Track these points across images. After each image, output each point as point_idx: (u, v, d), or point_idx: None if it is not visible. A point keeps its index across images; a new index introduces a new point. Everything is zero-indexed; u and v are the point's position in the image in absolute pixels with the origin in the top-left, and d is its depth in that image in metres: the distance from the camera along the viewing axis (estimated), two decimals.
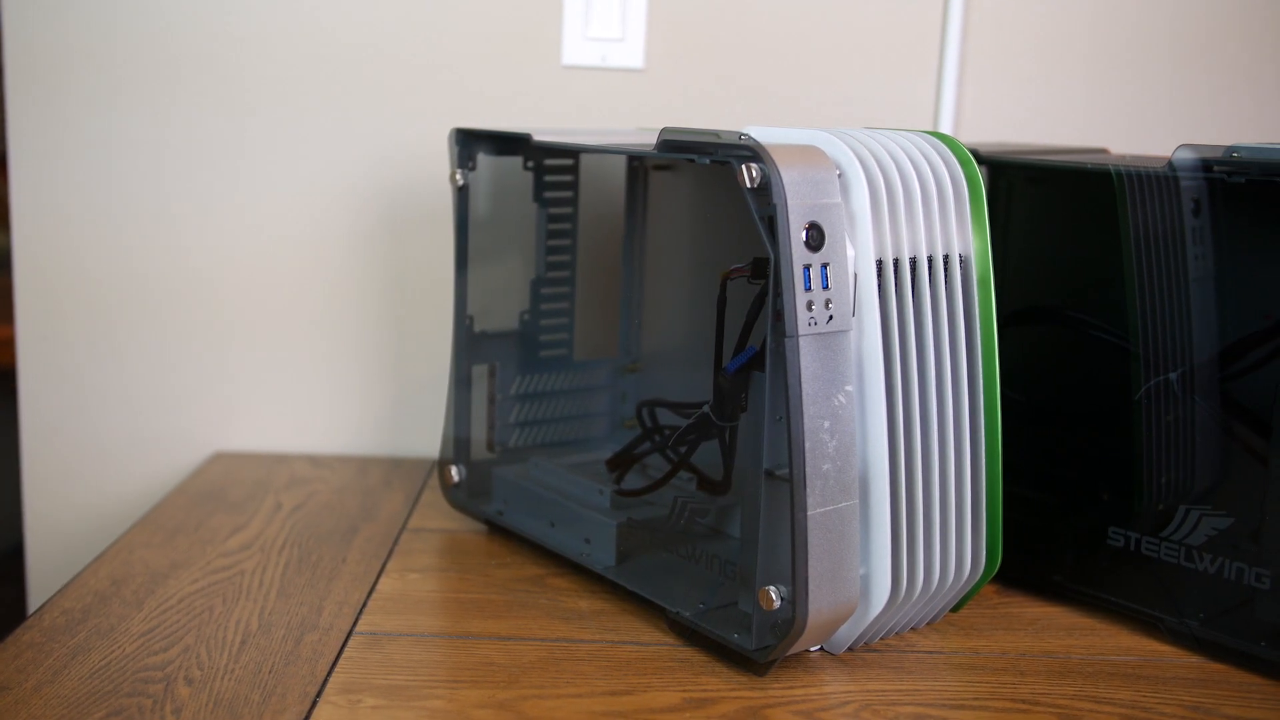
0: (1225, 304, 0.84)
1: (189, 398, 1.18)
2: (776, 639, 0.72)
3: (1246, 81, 1.19)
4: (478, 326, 0.99)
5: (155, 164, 1.14)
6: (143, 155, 1.14)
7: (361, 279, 1.17)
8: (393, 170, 1.15)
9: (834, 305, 0.70)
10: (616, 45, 1.14)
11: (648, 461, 0.93)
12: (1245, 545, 0.80)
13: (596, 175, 1.06)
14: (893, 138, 0.76)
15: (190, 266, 1.16)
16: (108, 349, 1.17)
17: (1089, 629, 0.84)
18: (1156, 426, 0.85)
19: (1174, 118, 1.19)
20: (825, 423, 0.70)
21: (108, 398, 1.17)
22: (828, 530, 0.70)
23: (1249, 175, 0.76)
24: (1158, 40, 1.18)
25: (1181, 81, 1.18)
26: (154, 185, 1.14)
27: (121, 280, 1.16)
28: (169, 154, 1.14)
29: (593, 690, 0.73)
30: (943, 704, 0.73)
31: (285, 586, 0.86)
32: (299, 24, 1.13)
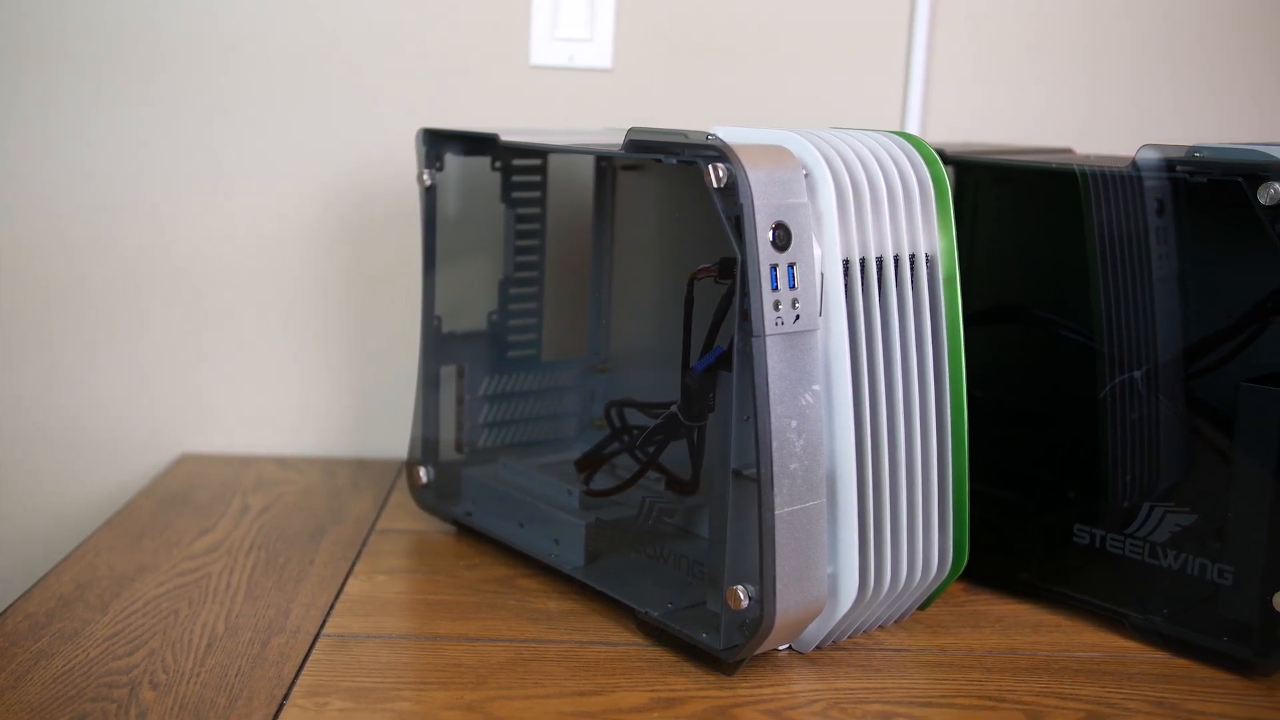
0: (1188, 303, 0.84)
1: (155, 399, 1.17)
2: (744, 638, 0.73)
3: (1210, 82, 1.20)
4: (446, 327, 0.99)
5: (119, 165, 1.13)
6: (107, 157, 1.13)
7: (329, 279, 1.17)
8: (360, 170, 1.15)
9: (801, 305, 0.70)
10: (584, 45, 1.14)
11: (617, 462, 0.93)
12: (1208, 542, 0.80)
13: (565, 175, 1.06)
14: (859, 138, 0.77)
15: (156, 267, 1.15)
16: (72, 350, 1.16)
17: (1055, 626, 0.85)
18: (1121, 424, 0.86)
19: (1138, 118, 1.20)
20: (792, 422, 0.70)
21: (73, 400, 1.16)
22: (795, 529, 0.71)
23: (1211, 175, 0.77)
24: (1122, 41, 1.18)
25: (1145, 82, 1.19)
26: (119, 187, 1.14)
27: (87, 281, 1.15)
28: (134, 155, 1.13)
29: (561, 691, 0.73)
30: (910, 702, 0.73)
31: (252, 589, 0.86)
32: (265, 24, 1.12)
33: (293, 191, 1.15)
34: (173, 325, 1.16)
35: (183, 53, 1.12)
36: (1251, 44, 1.19)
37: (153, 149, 1.13)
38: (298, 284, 1.17)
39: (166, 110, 1.13)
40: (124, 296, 1.15)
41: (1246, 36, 1.19)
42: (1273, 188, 0.72)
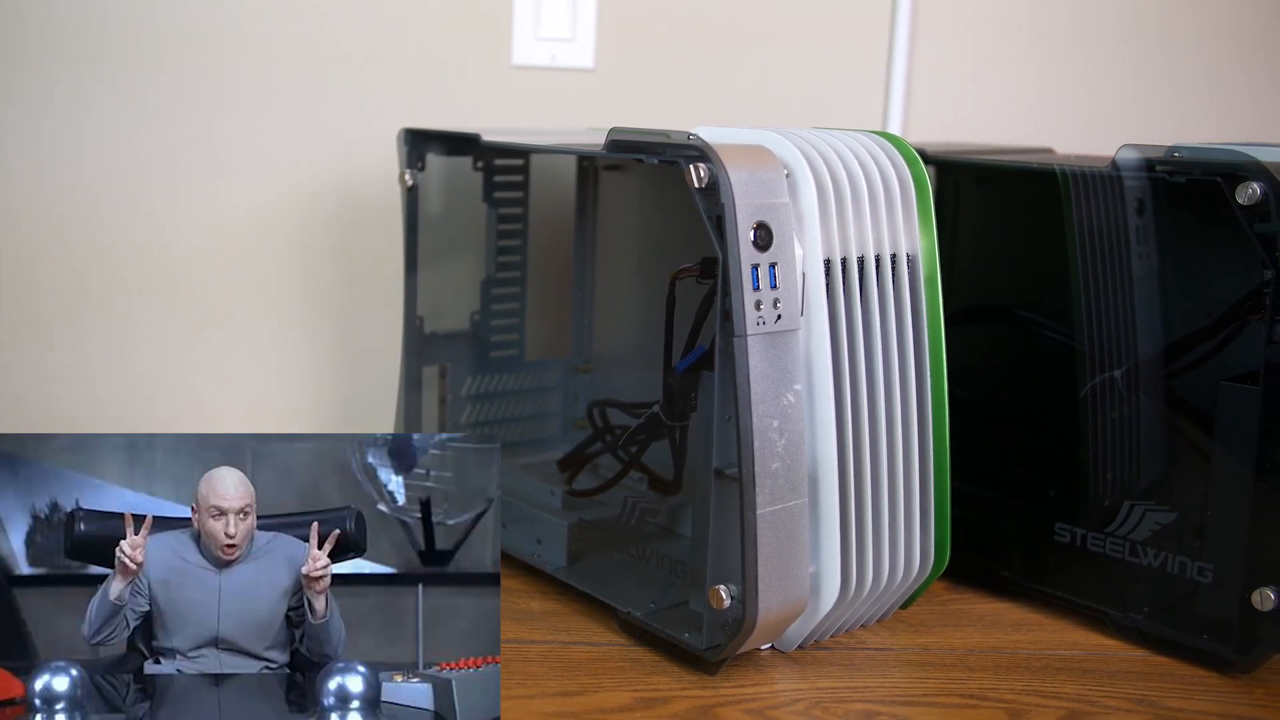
0: (1168, 302, 0.85)
1: (135, 399, 1.17)
2: (727, 638, 0.73)
3: (1190, 82, 1.20)
4: (428, 327, 0.98)
5: (98, 164, 1.13)
6: (85, 154, 1.12)
7: (311, 279, 1.16)
8: (343, 170, 1.15)
9: (782, 305, 0.70)
10: (567, 45, 1.13)
11: (599, 461, 0.93)
12: (1188, 540, 0.81)
13: (547, 175, 1.06)
14: (840, 138, 0.77)
15: (136, 267, 1.15)
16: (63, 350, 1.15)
17: (1037, 624, 0.85)
18: (1101, 423, 0.86)
19: (1120, 118, 1.20)
20: (774, 422, 0.70)
21: (63, 400, 1.16)
22: (777, 529, 0.71)
23: (1190, 175, 0.77)
24: (1103, 41, 1.19)
25: (1127, 82, 1.20)
26: (97, 185, 1.13)
27: (62, 278, 1.14)
28: (113, 154, 1.13)
29: (544, 691, 0.73)
30: (892, 700, 0.73)
31: None
32: (247, 23, 1.12)
33: (275, 192, 1.15)
34: (152, 326, 1.16)
35: (166, 54, 1.11)
36: (1231, 45, 1.20)
37: (136, 153, 1.13)
38: (280, 284, 1.16)
39: (150, 112, 1.12)
40: (110, 298, 1.15)
41: (1226, 38, 1.20)
42: (1250, 187, 0.72)
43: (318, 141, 1.14)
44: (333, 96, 1.13)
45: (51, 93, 1.11)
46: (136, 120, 1.12)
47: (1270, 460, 0.74)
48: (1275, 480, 0.74)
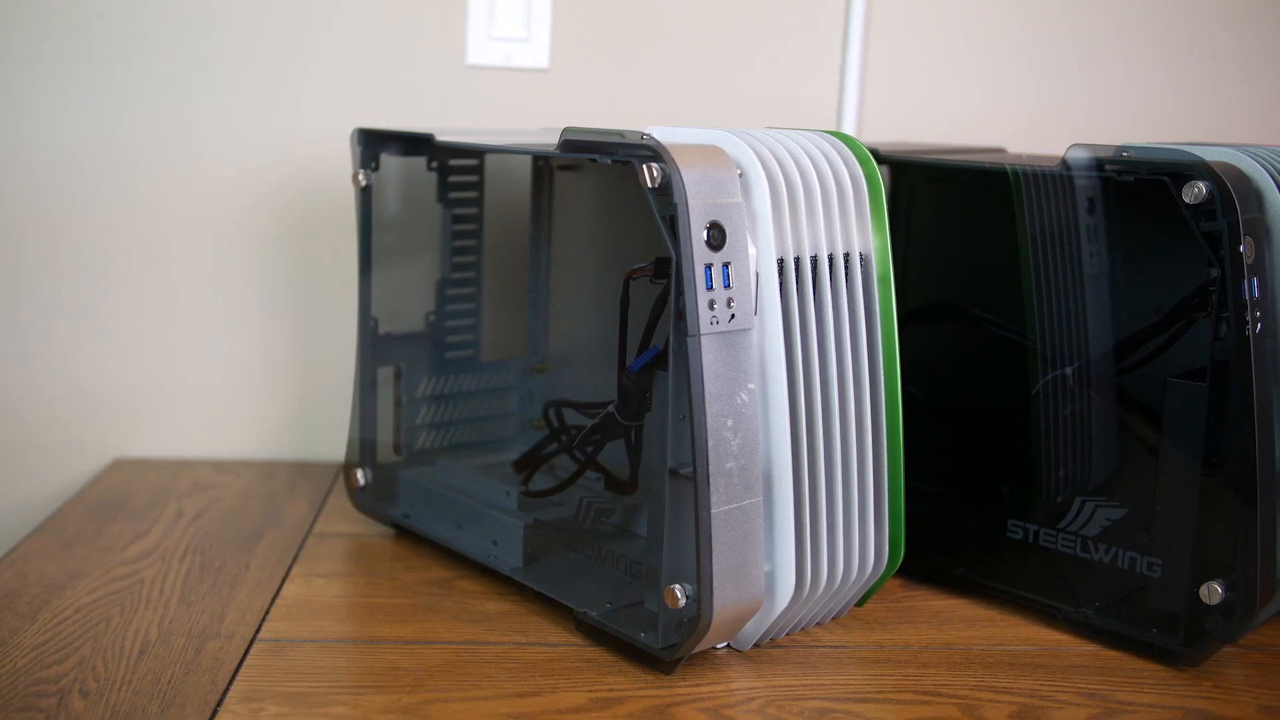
0: (1119, 300, 0.86)
1: (88, 403, 1.16)
2: (682, 637, 0.73)
3: (1140, 82, 1.22)
4: (383, 328, 0.98)
5: (47, 164, 1.11)
6: (34, 154, 1.11)
7: (265, 281, 1.16)
8: (296, 171, 1.14)
9: (736, 304, 0.70)
10: (521, 45, 1.13)
11: (556, 462, 0.93)
12: (1138, 535, 0.82)
13: (502, 175, 1.05)
14: (793, 138, 0.77)
15: (90, 270, 1.13)
16: (3, 354, 1.14)
17: (990, 620, 0.85)
18: (1053, 420, 0.87)
19: (1071, 117, 1.21)
20: (728, 421, 0.70)
21: (4, 403, 1.14)
22: (732, 528, 0.71)
23: (1138, 174, 0.78)
24: (1056, 41, 1.20)
25: (1079, 81, 1.21)
26: (48, 186, 1.12)
27: (18, 282, 1.13)
28: (62, 153, 1.11)
29: (500, 692, 0.72)
30: (847, 698, 0.73)
31: (186, 594, 0.85)
32: (197, 20, 1.11)
33: (227, 193, 1.14)
34: (106, 327, 1.15)
35: (113, 54, 1.10)
36: (1180, 44, 1.21)
37: (85, 152, 1.12)
38: (234, 286, 1.15)
39: (98, 112, 1.11)
40: (57, 299, 1.14)
41: (1176, 37, 1.21)
42: (1197, 187, 0.73)
43: (272, 142, 1.13)
44: (286, 96, 1.12)
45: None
46: (84, 120, 1.11)
47: (1216, 456, 0.75)
48: (1221, 476, 0.75)
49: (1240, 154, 0.78)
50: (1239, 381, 0.74)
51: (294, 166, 1.14)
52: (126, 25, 1.10)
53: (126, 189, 1.13)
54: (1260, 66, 1.22)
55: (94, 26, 1.09)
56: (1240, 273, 0.73)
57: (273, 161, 1.13)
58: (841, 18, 1.17)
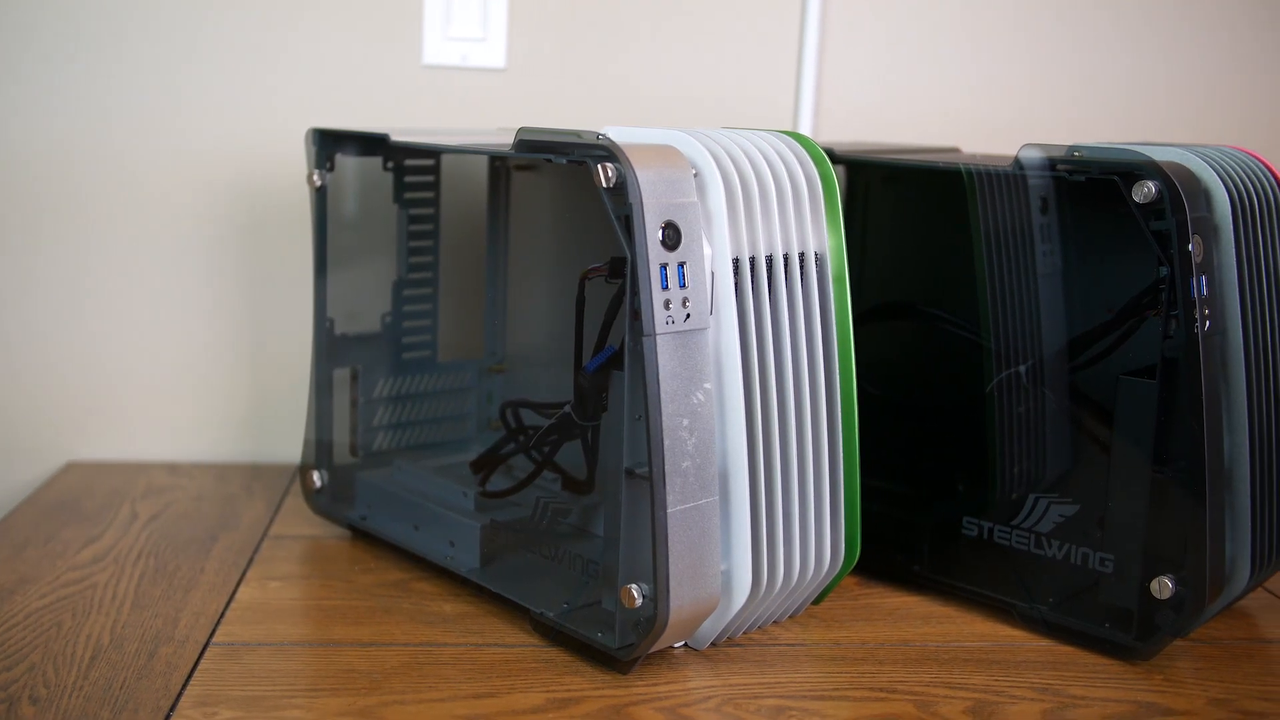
0: (1072, 298, 0.87)
1: (39, 406, 1.14)
2: (639, 637, 0.73)
3: (1094, 81, 1.23)
4: (339, 329, 0.97)
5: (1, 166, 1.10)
6: None
7: (220, 281, 1.15)
8: (251, 171, 1.13)
9: (691, 304, 0.71)
10: (478, 45, 1.13)
11: (514, 462, 0.93)
12: (1091, 531, 0.83)
13: (458, 175, 1.05)
14: (748, 138, 0.77)
15: (40, 269, 1.12)
16: None
17: (946, 617, 0.86)
18: (1007, 418, 0.87)
19: (1026, 117, 1.22)
20: (684, 420, 0.70)
21: None
22: (688, 527, 0.71)
23: (1089, 174, 0.78)
24: (1006, 43, 1.21)
25: (1033, 82, 1.22)
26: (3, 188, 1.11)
27: None
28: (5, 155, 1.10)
29: (456, 694, 0.72)
30: (803, 695, 0.74)
31: (140, 599, 0.84)
32: (147, 21, 1.10)
33: (181, 193, 1.13)
34: (58, 327, 1.13)
35: (60, 54, 1.09)
36: (1131, 45, 1.23)
37: (31, 154, 1.10)
38: (188, 286, 1.14)
39: (42, 115, 1.10)
40: (7, 299, 1.12)
41: (1126, 38, 1.22)
42: (1146, 186, 0.74)
43: (228, 142, 1.12)
44: (240, 96, 1.12)
45: None
46: (29, 122, 1.10)
47: (1166, 452, 0.76)
48: (1171, 472, 0.76)
49: (1189, 154, 0.79)
50: (1188, 378, 0.75)
51: (249, 166, 1.13)
52: (76, 27, 1.09)
53: (74, 191, 1.11)
54: (1208, 67, 1.24)
55: (40, 28, 1.08)
56: (1189, 271, 0.74)
57: (227, 161, 1.13)
58: (798, 18, 1.17)
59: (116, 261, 1.13)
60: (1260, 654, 0.82)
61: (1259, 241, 0.80)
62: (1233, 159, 0.81)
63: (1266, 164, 0.84)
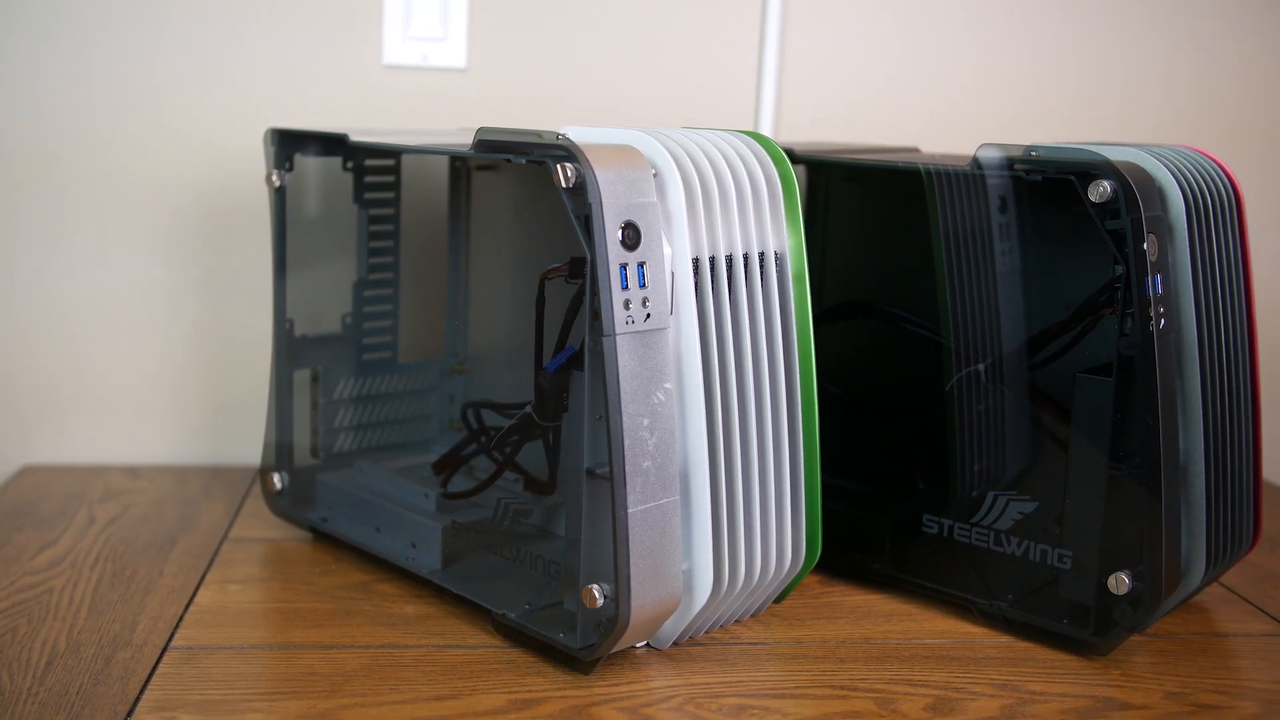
0: (1030, 297, 0.87)
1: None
2: (601, 637, 0.73)
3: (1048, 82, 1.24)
4: (299, 330, 0.97)
5: None
6: None
7: (179, 283, 1.14)
8: (211, 171, 1.12)
9: (651, 304, 0.71)
10: (438, 45, 1.13)
11: (476, 463, 0.93)
12: (1049, 528, 0.83)
13: (419, 176, 1.05)
14: (708, 137, 0.77)
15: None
16: None
17: (906, 615, 0.86)
18: (967, 416, 0.88)
19: (984, 117, 1.23)
20: (644, 420, 0.70)
21: None
22: (649, 527, 0.71)
23: (1046, 174, 0.79)
24: (966, 43, 1.22)
25: (993, 81, 1.23)
26: None
27: None
28: None
29: (417, 696, 0.72)
30: (765, 694, 0.74)
31: (97, 603, 0.83)
32: (104, 18, 1.09)
33: (139, 194, 1.12)
34: (12, 329, 1.12)
35: (17, 51, 1.08)
36: (1087, 46, 1.24)
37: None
38: (146, 287, 1.13)
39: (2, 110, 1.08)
40: None
41: (1082, 40, 1.23)
42: (1101, 185, 0.75)
43: (186, 143, 1.11)
44: (198, 96, 1.11)
45: None
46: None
47: (1123, 449, 0.77)
48: (1127, 468, 0.77)
49: (1144, 154, 0.79)
50: (1144, 376, 0.75)
51: (208, 167, 1.12)
52: (28, 24, 1.07)
53: (33, 189, 1.10)
54: (1162, 68, 1.25)
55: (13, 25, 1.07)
56: (1144, 270, 0.74)
57: (187, 161, 1.12)
58: (758, 18, 1.17)
59: (72, 263, 1.12)
60: (1215, 648, 0.83)
61: (1213, 240, 0.81)
62: (1187, 159, 0.82)
63: (1220, 164, 0.85)
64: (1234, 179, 0.85)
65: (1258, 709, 0.74)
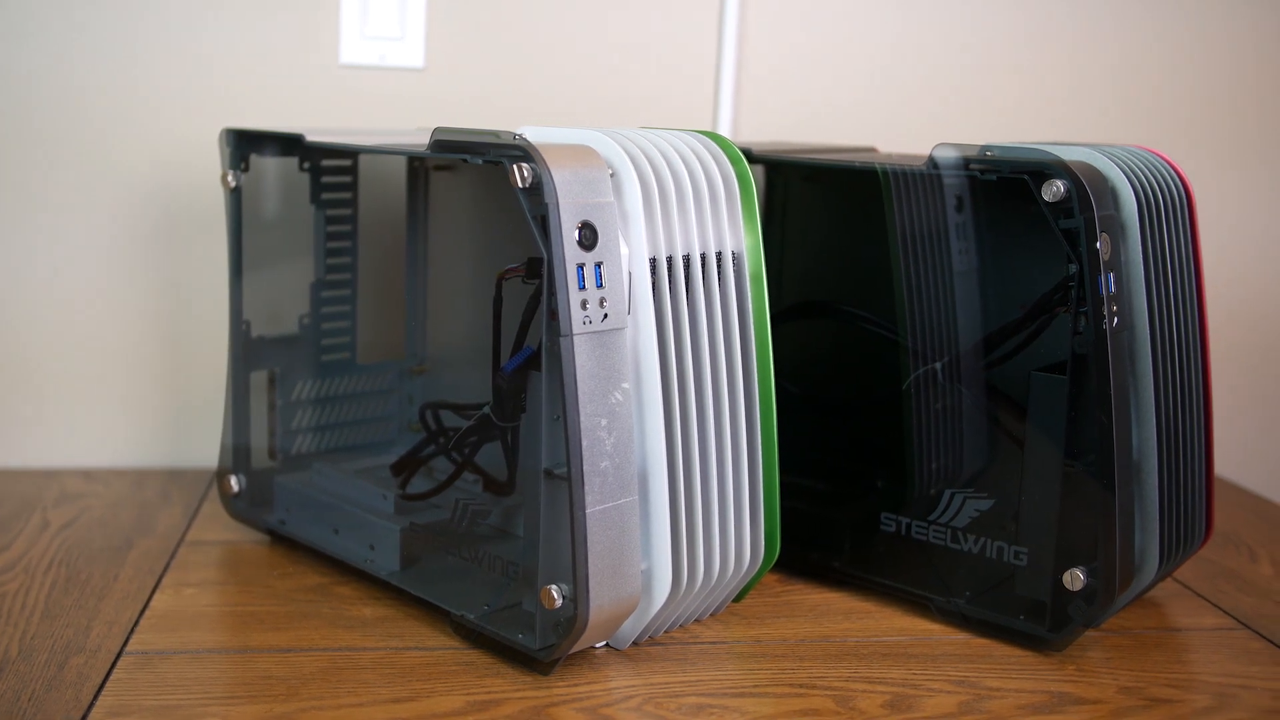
0: (987, 296, 0.88)
1: None
2: (559, 637, 0.73)
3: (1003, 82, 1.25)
4: (255, 331, 0.96)
5: None
6: None
7: (136, 284, 1.13)
8: (167, 172, 1.11)
9: (608, 304, 0.71)
10: (395, 44, 1.12)
11: (435, 464, 0.92)
12: (1006, 525, 0.84)
13: (377, 176, 1.04)
14: (665, 137, 0.77)
15: None
16: None
17: (865, 613, 0.87)
18: (924, 415, 0.89)
19: (941, 117, 1.24)
20: (602, 420, 0.70)
21: None
22: (607, 527, 0.71)
23: (1000, 173, 0.80)
24: (921, 43, 1.22)
25: (951, 81, 1.23)
26: None
27: None
28: None
29: (375, 698, 0.72)
30: (724, 693, 0.74)
31: (50, 608, 0.82)
32: (57, 15, 1.07)
33: (95, 192, 1.11)
34: None
35: None
36: (1039, 46, 1.25)
37: None
38: (102, 288, 1.12)
39: None
40: None
41: (1034, 40, 1.24)
42: (1055, 185, 0.75)
43: (142, 143, 1.10)
44: (157, 96, 1.10)
45: None
46: None
47: (1077, 446, 0.77)
48: (1082, 465, 0.77)
49: (1097, 153, 0.80)
50: (1097, 374, 0.76)
51: (166, 167, 1.11)
52: None
53: None
54: (1115, 68, 1.26)
55: None
56: (1097, 269, 0.75)
57: (144, 162, 1.11)
58: (716, 19, 1.17)
59: (24, 263, 1.11)
60: (1169, 642, 0.84)
61: (1165, 239, 0.82)
62: (1139, 159, 0.83)
63: (1172, 163, 0.86)
64: (1185, 178, 0.86)
65: (1210, 702, 0.75)
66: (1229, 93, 1.29)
